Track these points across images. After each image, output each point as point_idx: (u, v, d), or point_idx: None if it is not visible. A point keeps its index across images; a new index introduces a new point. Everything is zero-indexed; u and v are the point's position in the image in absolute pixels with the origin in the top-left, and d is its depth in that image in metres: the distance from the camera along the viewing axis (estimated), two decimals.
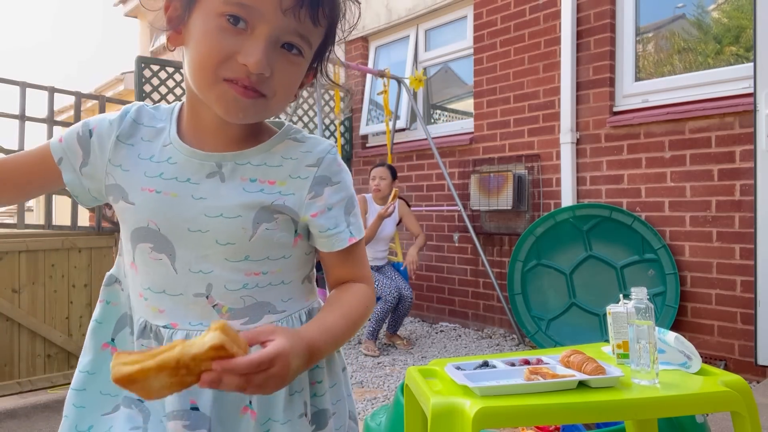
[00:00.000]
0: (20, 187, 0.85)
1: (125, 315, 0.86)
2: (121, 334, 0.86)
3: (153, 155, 0.81)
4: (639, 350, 1.19)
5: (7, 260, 3.99)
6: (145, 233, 0.79)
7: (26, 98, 4.04)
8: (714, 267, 3.08)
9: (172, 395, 0.71)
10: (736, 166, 2.99)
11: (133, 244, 0.81)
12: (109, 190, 0.83)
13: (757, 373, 2.88)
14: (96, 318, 0.87)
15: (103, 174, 0.83)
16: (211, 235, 0.77)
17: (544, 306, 3.66)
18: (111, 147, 0.82)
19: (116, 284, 0.87)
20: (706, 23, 3.41)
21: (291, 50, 0.75)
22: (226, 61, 0.72)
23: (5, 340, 3.95)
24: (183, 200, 0.78)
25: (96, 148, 0.83)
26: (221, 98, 0.74)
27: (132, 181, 0.81)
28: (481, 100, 4.27)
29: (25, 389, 4.01)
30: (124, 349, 0.83)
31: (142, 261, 0.81)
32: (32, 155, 0.86)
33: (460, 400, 1.12)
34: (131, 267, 0.83)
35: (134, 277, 0.82)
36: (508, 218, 4.08)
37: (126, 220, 0.81)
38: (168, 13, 0.78)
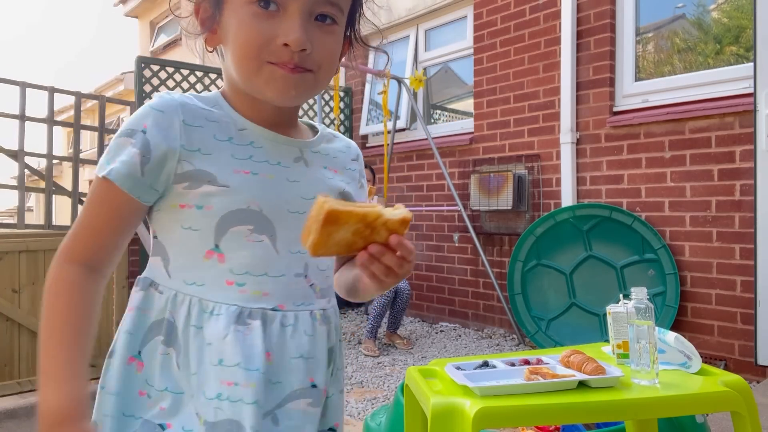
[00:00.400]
0: (121, 249, 0.80)
1: (159, 322, 0.78)
2: (149, 346, 0.78)
3: (231, 137, 0.79)
4: (639, 350, 1.19)
5: (7, 260, 3.99)
6: (245, 215, 0.77)
7: (26, 98, 4.04)
8: (714, 267, 3.08)
9: (296, 374, 0.78)
10: (736, 166, 2.99)
11: (225, 228, 0.77)
12: (182, 178, 0.76)
13: (757, 373, 2.88)
14: (128, 329, 0.78)
15: (174, 162, 0.76)
16: (265, 214, 0.80)
17: (544, 306, 3.66)
18: (180, 132, 0.76)
19: (151, 288, 0.79)
20: (706, 23, 3.41)
21: (325, 21, 0.77)
22: (267, 45, 0.74)
23: (5, 340, 3.95)
24: (280, 182, 0.80)
25: (158, 141, 0.75)
26: (270, 81, 0.76)
27: (219, 163, 0.77)
28: (481, 100, 4.27)
29: (25, 389, 4.01)
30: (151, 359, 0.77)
31: (236, 245, 0.78)
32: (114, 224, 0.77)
33: (460, 400, 1.12)
34: (208, 257, 0.77)
35: (216, 266, 0.77)
36: (508, 218, 4.08)
37: (212, 205, 0.76)
38: (200, 17, 0.80)
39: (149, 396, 0.76)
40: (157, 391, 0.76)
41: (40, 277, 4.16)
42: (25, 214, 4.13)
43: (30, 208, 13.22)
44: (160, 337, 0.77)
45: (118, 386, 0.77)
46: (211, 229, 0.77)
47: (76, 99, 4.35)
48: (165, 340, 0.77)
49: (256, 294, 0.78)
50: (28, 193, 4.22)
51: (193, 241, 0.78)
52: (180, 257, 0.79)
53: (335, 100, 4.33)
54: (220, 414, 0.74)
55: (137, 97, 4.48)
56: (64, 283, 0.74)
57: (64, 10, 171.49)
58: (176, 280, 0.78)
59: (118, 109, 10.46)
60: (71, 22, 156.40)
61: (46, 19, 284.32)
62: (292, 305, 0.80)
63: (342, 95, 5.36)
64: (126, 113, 6.21)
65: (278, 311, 0.79)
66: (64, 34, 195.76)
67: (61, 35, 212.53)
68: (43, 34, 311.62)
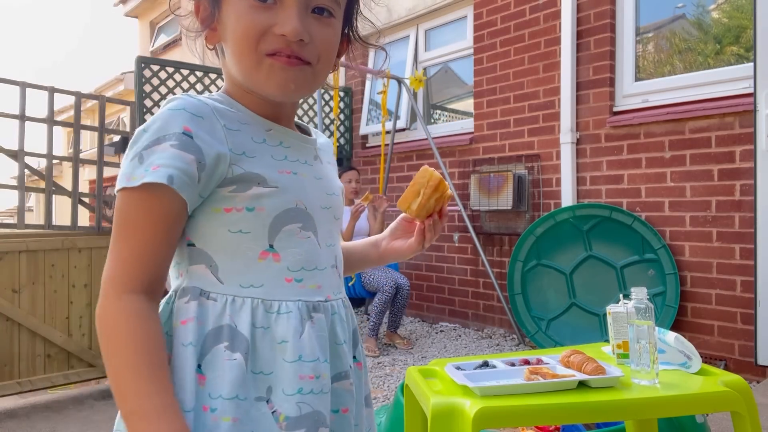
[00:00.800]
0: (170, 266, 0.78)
1: (218, 329, 0.75)
2: (210, 356, 0.74)
3: (264, 138, 0.80)
4: (639, 350, 1.19)
5: (7, 260, 4.00)
6: (294, 213, 0.80)
7: (26, 98, 4.04)
8: (714, 267, 3.08)
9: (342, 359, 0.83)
10: (736, 166, 3.00)
11: (278, 227, 0.78)
12: (230, 181, 0.75)
13: (757, 373, 2.88)
14: (190, 341, 0.74)
15: (225, 167, 0.75)
16: (331, 212, 0.86)
17: (544, 306, 3.66)
18: (224, 137, 0.75)
19: (201, 297, 0.76)
20: (706, 23, 3.41)
21: (322, 13, 0.78)
22: (264, 36, 0.75)
23: (5, 340, 3.95)
24: (311, 180, 0.84)
25: (208, 146, 0.74)
26: (269, 75, 0.76)
27: (264, 165, 0.78)
28: (481, 100, 4.27)
29: (25, 389, 4.01)
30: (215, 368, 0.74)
31: (289, 243, 0.79)
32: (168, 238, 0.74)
33: (460, 400, 1.12)
34: (263, 257, 0.78)
35: (272, 265, 0.78)
36: (508, 218, 4.08)
37: (264, 206, 0.77)
38: (200, 15, 0.80)
39: (212, 410, 0.73)
40: (225, 400, 0.73)
41: (40, 277, 4.16)
42: (25, 214, 4.13)
43: (30, 208, 13.22)
44: (224, 343, 0.74)
45: (191, 403, 0.72)
46: (265, 229, 0.77)
47: (76, 99, 4.35)
48: (230, 345, 0.74)
49: (312, 288, 0.81)
50: (28, 193, 4.22)
51: (245, 244, 0.77)
52: (231, 261, 0.77)
53: (335, 100, 4.33)
54: (305, 408, 0.76)
55: (137, 97, 4.48)
56: (130, 317, 0.70)
57: (58, 9, 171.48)
58: (231, 285, 0.77)
59: (118, 109, 10.46)
60: (64, 21, 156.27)
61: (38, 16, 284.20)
62: (333, 295, 0.85)
63: (342, 95, 5.36)
64: (126, 113, 6.23)
65: (328, 302, 0.83)
66: (56, 33, 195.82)
67: (53, 34, 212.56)
68: (35, 32, 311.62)
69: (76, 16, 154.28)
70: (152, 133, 0.73)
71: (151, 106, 4.55)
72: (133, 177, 0.71)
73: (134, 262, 0.71)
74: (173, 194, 0.71)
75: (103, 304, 0.71)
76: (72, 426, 3.35)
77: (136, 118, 4.46)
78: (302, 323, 0.78)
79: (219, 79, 4.94)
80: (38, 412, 3.73)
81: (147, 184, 0.70)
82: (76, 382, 4.35)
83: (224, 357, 0.74)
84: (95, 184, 4.45)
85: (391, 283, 3.76)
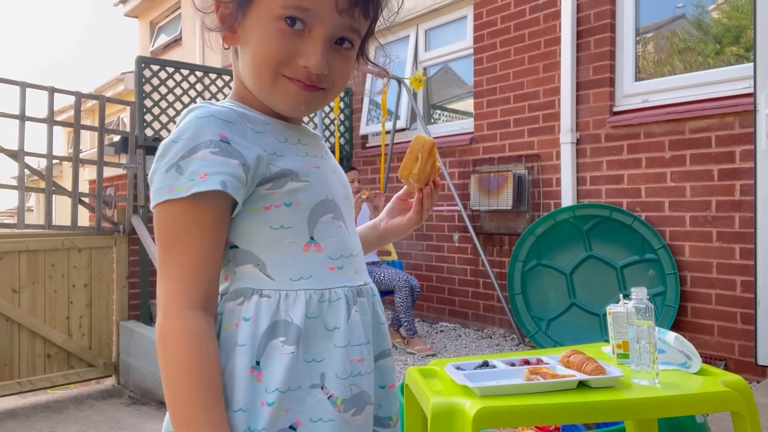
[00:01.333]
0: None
1: (274, 325, 0.76)
2: (268, 350, 0.76)
3: (285, 137, 0.83)
4: (639, 350, 1.19)
5: (7, 260, 4.00)
6: (326, 205, 0.83)
7: (26, 98, 4.04)
8: (714, 267, 3.08)
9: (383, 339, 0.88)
10: (736, 166, 3.00)
11: (315, 219, 0.81)
12: (267, 179, 0.77)
13: (757, 373, 2.88)
14: (242, 342, 0.75)
15: (264, 166, 0.77)
16: (349, 202, 0.90)
17: (544, 306, 3.66)
18: (256, 139, 0.78)
19: (254, 296, 0.77)
20: (706, 23, 3.41)
21: (343, 44, 0.80)
22: (288, 62, 0.77)
23: (5, 340, 3.95)
24: (331, 173, 0.88)
25: (246, 149, 0.75)
26: (285, 94, 0.79)
27: (293, 161, 0.81)
28: (481, 100, 4.27)
29: (25, 389, 4.01)
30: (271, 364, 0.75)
31: (327, 233, 0.82)
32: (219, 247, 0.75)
33: (460, 400, 1.12)
34: (306, 249, 0.80)
35: (316, 256, 0.81)
36: (508, 218, 4.08)
37: (300, 200, 0.80)
38: (219, 13, 0.80)
39: (269, 404, 0.74)
40: (281, 393, 0.74)
41: (40, 277, 4.16)
42: (25, 214, 4.13)
43: (30, 208, 13.22)
44: (281, 338, 0.76)
45: (245, 401, 0.73)
46: (304, 222, 0.80)
47: (76, 99, 4.35)
48: (287, 340, 0.76)
49: (352, 274, 0.85)
50: (28, 193, 4.22)
51: (289, 238, 0.79)
52: (276, 257, 0.79)
53: (335, 100, 4.33)
54: (355, 389, 0.79)
55: (137, 97, 4.48)
56: (190, 339, 0.70)
57: (58, 9, 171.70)
58: (282, 281, 0.78)
59: (118, 109, 10.46)
60: (64, 21, 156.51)
61: (38, 16, 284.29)
62: (367, 279, 0.89)
63: (342, 95, 5.37)
64: (126, 113, 6.22)
65: (367, 285, 0.87)
66: (57, 33, 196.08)
67: (53, 34, 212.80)
68: (35, 32, 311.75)
69: (76, 16, 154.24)
70: (185, 143, 0.72)
71: (151, 106, 4.55)
72: (177, 188, 0.71)
73: (192, 275, 0.71)
74: (222, 201, 0.73)
75: (163, 323, 0.71)
76: (72, 426, 3.35)
77: (136, 118, 4.46)
78: (349, 309, 0.81)
79: (219, 79, 4.94)
80: (38, 412, 3.73)
81: (198, 193, 0.70)
82: (76, 382, 4.35)
83: (281, 351, 0.75)
84: (95, 184, 4.45)
85: (404, 278, 3.76)
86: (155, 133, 4.58)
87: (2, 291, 4.10)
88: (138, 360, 4.16)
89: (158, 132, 4.59)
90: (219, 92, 4.91)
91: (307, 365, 0.77)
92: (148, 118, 4.53)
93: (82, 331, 4.39)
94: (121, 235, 4.44)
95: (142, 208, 4.47)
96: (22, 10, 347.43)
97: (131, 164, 4.48)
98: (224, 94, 4.93)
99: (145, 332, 4.13)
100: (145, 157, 4.53)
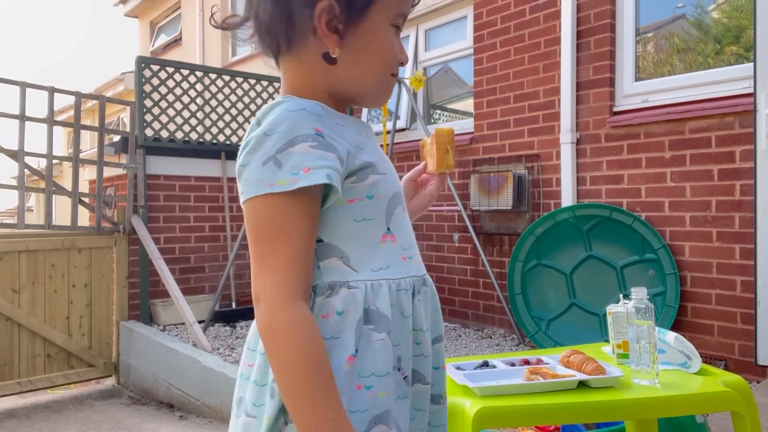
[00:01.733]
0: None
1: (364, 313, 0.79)
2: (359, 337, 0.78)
3: (359, 131, 0.87)
4: (639, 350, 1.19)
5: (7, 260, 4.00)
6: (398, 197, 0.87)
7: (26, 98, 4.04)
8: (714, 267, 3.08)
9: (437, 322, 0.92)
10: (736, 166, 3.00)
11: (391, 210, 0.85)
12: (353, 173, 0.80)
13: (757, 373, 2.88)
14: (334, 334, 0.78)
15: (352, 159, 0.80)
16: (401, 193, 0.91)
17: (544, 306, 3.66)
18: (341, 132, 0.81)
19: (342, 289, 0.79)
20: (706, 23, 3.41)
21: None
22: (397, 61, 0.87)
23: (5, 340, 3.95)
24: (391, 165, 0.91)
25: (338, 143, 0.78)
26: (387, 89, 0.89)
27: (372, 154, 0.84)
28: (481, 100, 4.27)
29: (25, 389, 4.01)
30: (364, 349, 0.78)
31: (399, 224, 0.86)
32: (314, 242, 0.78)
33: (460, 400, 1.12)
34: (384, 240, 0.84)
35: (391, 246, 0.85)
36: (508, 218, 4.08)
37: (380, 192, 0.83)
38: (326, 16, 0.80)
39: (367, 387, 0.78)
40: (380, 377, 0.78)
41: (40, 277, 4.16)
42: (25, 214, 4.13)
43: (30, 208, 13.21)
44: (370, 326, 0.79)
45: (342, 387, 0.75)
46: (383, 214, 0.84)
47: (76, 99, 4.35)
48: (376, 327, 0.79)
49: (417, 263, 0.89)
50: (28, 193, 4.22)
51: (370, 230, 0.82)
52: (359, 249, 0.81)
53: None
54: (414, 370, 0.85)
55: (137, 97, 4.48)
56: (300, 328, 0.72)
57: (59, 9, 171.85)
58: (365, 272, 0.81)
59: (118, 109, 10.46)
60: (64, 21, 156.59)
61: (38, 16, 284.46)
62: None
63: None
64: (126, 113, 6.22)
65: (426, 275, 0.91)
66: (57, 33, 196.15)
67: (53, 34, 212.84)
68: (35, 32, 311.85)
69: (76, 16, 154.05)
70: (281, 136, 0.74)
71: (151, 106, 4.55)
72: (278, 182, 0.73)
73: (296, 267, 0.73)
74: (319, 194, 0.76)
75: (268, 316, 0.72)
76: (72, 426, 3.35)
77: (136, 118, 4.46)
78: (416, 297, 0.85)
79: (219, 79, 4.94)
80: (38, 412, 3.73)
81: (302, 187, 0.73)
82: (76, 382, 4.35)
83: (372, 338, 0.79)
84: (95, 184, 4.45)
85: None
86: (155, 133, 4.58)
87: (2, 291, 4.10)
88: (138, 360, 4.15)
89: (158, 132, 4.60)
90: (219, 92, 4.91)
91: (393, 349, 0.81)
92: (148, 118, 4.53)
93: (82, 331, 4.39)
94: (121, 235, 4.44)
95: (142, 208, 4.47)
96: (23, 10, 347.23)
97: (131, 164, 4.48)
98: (224, 94, 4.94)
99: (145, 332, 4.13)
100: (145, 157, 4.53)
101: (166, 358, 3.79)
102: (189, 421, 3.32)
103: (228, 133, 4.98)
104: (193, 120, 4.79)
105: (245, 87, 5.08)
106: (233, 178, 4.99)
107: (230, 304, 4.79)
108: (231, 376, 3.16)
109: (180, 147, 4.71)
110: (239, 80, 5.06)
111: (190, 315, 3.87)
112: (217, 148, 4.91)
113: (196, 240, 4.82)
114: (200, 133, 4.83)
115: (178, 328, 4.38)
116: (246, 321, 4.63)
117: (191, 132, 4.78)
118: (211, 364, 3.36)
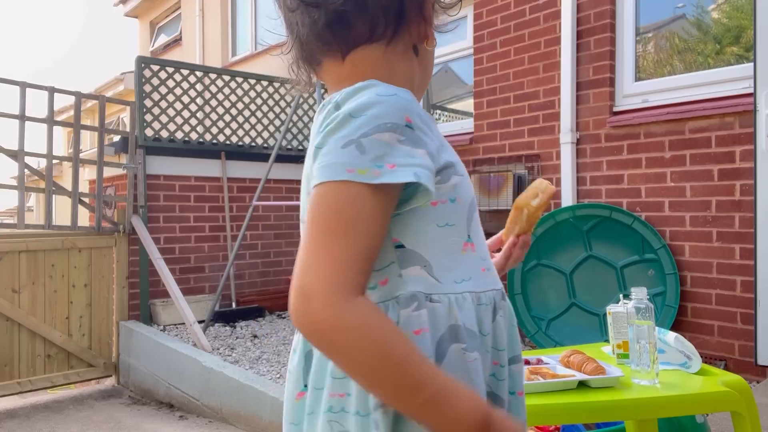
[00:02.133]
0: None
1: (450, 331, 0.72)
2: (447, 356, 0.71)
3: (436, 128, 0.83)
4: (639, 350, 1.19)
5: (7, 260, 4.00)
6: (475, 203, 0.80)
7: (26, 98, 4.04)
8: (714, 267, 3.08)
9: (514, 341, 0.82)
10: (736, 166, 2.99)
11: (471, 216, 0.77)
12: (438, 171, 0.72)
13: (757, 373, 2.88)
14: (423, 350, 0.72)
15: (438, 157, 0.72)
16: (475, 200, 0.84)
17: (544, 306, 3.66)
18: (429, 124, 0.74)
19: (428, 302, 0.72)
20: (706, 23, 3.41)
21: None
22: None
23: (5, 340, 3.96)
24: None
25: (427, 138, 0.71)
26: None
27: (451, 153, 0.76)
28: (481, 100, 4.27)
29: (25, 389, 4.01)
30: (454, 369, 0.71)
31: (477, 233, 0.79)
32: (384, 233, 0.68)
33: None
34: (465, 249, 0.76)
35: (472, 256, 0.77)
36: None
37: (461, 196, 0.75)
38: (427, 14, 0.82)
39: None
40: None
41: (40, 277, 4.16)
42: (25, 214, 4.13)
43: (30, 208, 13.22)
44: (461, 345, 0.71)
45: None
46: (464, 220, 0.76)
47: (76, 99, 4.35)
48: (468, 346, 0.72)
49: (494, 275, 0.81)
50: (28, 193, 4.22)
51: (452, 237, 0.74)
52: (441, 258, 0.73)
53: None
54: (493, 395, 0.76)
55: (137, 97, 4.48)
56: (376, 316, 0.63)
57: (58, 9, 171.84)
58: (448, 284, 0.73)
59: (118, 109, 10.46)
60: (64, 21, 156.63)
61: (38, 16, 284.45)
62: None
63: None
64: (126, 113, 6.21)
65: (502, 288, 0.82)
66: (57, 32, 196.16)
67: (53, 34, 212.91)
68: (34, 32, 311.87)
69: (76, 16, 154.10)
70: (368, 120, 0.66)
71: (151, 106, 4.55)
72: (359, 170, 0.64)
73: (359, 263, 0.64)
74: (397, 192, 0.67)
75: (332, 312, 0.61)
76: (72, 426, 3.35)
77: (136, 118, 4.46)
78: (496, 312, 0.77)
79: (219, 79, 4.94)
80: (38, 412, 3.72)
81: (384, 183, 0.64)
82: (76, 382, 4.35)
83: (464, 359, 0.71)
84: (95, 184, 4.45)
85: None
86: (155, 133, 4.58)
87: (2, 291, 4.09)
88: (138, 360, 4.15)
89: (158, 132, 4.60)
90: (219, 92, 4.91)
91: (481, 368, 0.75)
92: (148, 118, 4.53)
93: (82, 331, 4.39)
94: (121, 235, 4.44)
95: (142, 208, 4.47)
96: (23, 10, 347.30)
97: (131, 164, 4.48)
98: (224, 94, 4.94)
99: (145, 332, 4.13)
100: (145, 157, 4.53)
101: (166, 358, 3.79)
102: (189, 421, 3.32)
103: (228, 133, 4.98)
104: (193, 120, 4.79)
105: (245, 87, 5.08)
106: (233, 178, 4.99)
107: (230, 304, 4.80)
108: (231, 376, 3.16)
109: (180, 147, 4.71)
110: (239, 80, 5.06)
111: (190, 315, 3.87)
112: (217, 148, 4.90)
113: (196, 240, 4.82)
114: (200, 133, 4.83)
115: (178, 328, 4.38)
116: (246, 321, 4.63)
117: (191, 132, 4.78)
118: (211, 364, 3.36)
